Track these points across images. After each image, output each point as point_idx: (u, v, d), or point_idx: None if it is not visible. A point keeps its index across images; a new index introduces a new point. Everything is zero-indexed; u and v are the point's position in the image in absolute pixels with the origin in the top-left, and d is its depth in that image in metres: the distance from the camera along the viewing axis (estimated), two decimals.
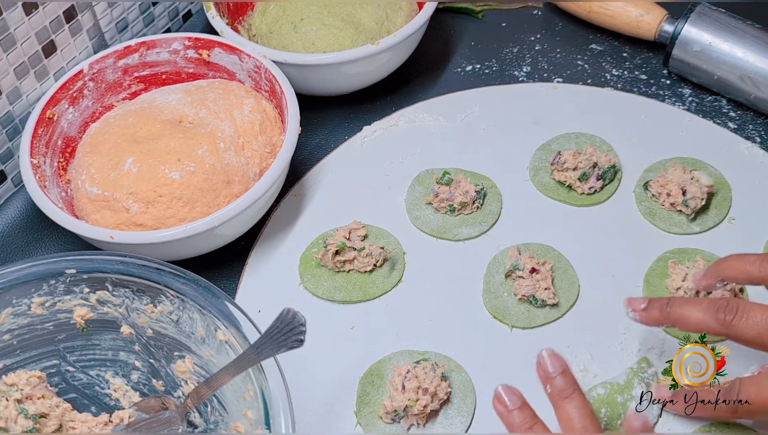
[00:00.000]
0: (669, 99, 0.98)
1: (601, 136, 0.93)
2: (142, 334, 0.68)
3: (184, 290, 0.64)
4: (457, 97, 0.99)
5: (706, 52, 0.95)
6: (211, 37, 0.90)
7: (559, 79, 1.01)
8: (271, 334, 0.60)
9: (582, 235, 0.85)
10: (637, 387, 0.72)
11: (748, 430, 0.70)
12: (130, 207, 0.77)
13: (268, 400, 0.58)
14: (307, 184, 0.90)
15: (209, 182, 0.78)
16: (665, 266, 0.81)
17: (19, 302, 0.66)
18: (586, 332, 0.77)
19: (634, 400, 0.71)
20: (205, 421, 0.68)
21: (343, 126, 0.97)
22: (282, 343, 0.59)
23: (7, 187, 0.89)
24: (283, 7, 0.97)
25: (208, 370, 0.66)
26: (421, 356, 0.75)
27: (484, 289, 0.80)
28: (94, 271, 0.66)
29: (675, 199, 0.85)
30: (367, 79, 0.96)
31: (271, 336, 0.59)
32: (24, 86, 0.86)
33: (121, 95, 0.90)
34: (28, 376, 0.67)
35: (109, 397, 0.71)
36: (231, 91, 0.86)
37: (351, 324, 0.79)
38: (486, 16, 1.11)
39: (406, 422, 0.71)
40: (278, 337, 0.59)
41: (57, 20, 0.86)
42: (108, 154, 0.80)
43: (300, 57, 0.89)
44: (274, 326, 0.60)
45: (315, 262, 0.82)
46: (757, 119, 0.95)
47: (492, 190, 0.88)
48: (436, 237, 0.85)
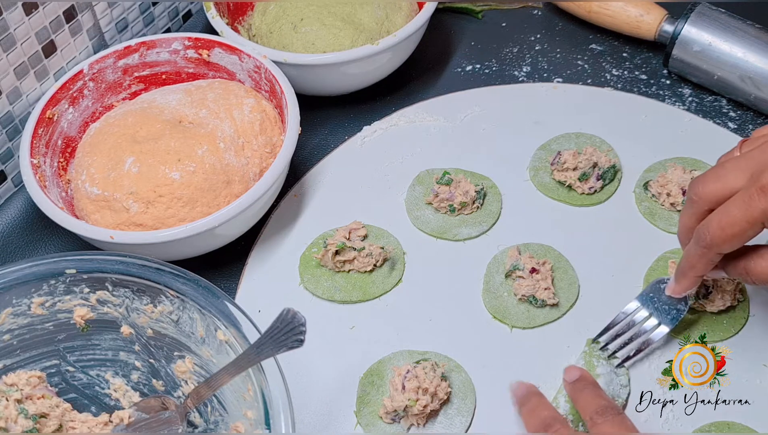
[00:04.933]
0: (669, 99, 0.98)
1: (601, 136, 0.93)
2: (142, 334, 0.68)
3: (184, 290, 0.64)
4: (457, 97, 0.99)
5: (706, 52, 0.95)
6: (211, 37, 0.90)
7: (559, 79, 1.01)
8: (271, 334, 0.60)
9: (582, 235, 0.85)
10: (599, 366, 0.72)
11: (748, 430, 0.70)
12: (130, 207, 0.77)
13: (268, 400, 0.58)
14: (307, 184, 0.90)
15: (209, 182, 0.78)
16: (665, 266, 0.80)
17: (19, 302, 0.66)
18: (586, 332, 0.77)
19: (601, 377, 0.71)
20: (205, 421, 0.68)
21: (343, 126, 0.97)
22: (282, 343, 0.59)
23: (7, 187, 0.89)
24: (283, 7, 0.97)
25: (208, 370, 0.66)
26: (421, 356, 0.75)
27: (484, 289, 0.80)
28: (94, 271, 0.66)
29: (675, 199, 0.85)
30: (367, 79, 0.96)
31: (271, 336, 0.59)
32: (24, 86, 0.86)
33: (121, 95, 0.90)
34: (28, 376, 0.67)
35: (109, 397, 0.71)
36: (231, 91, 0.86)
37: (351, 324, 0.79)
38: (486, 16, 1.11)
39: (406, 422, 0.71)
40: (278, 337, 0.59)
41: (57, 20, 0.86)
42: (108, 154, 0.80)
43: (300, 57, 0.89)
44: (274, 326, 0.60)
45: (315, 262, 0.82)
46: (757, 119, 0.95)
47: (492, 190, 0.88)
48: (436, 237, 0.85)
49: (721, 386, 0.70)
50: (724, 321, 0.77)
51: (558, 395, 0.71)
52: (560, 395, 0.71)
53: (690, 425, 0.70)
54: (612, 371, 0.72)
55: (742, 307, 0.78)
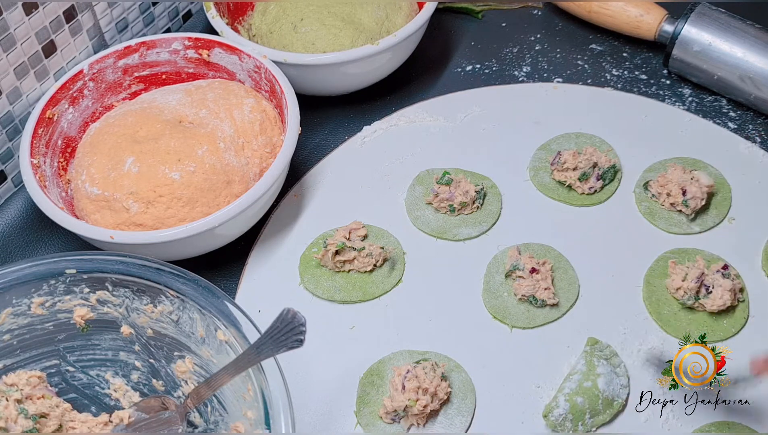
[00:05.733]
0: (669, 99, 0.98)
1: (601, 136, 0.93)
2: (142, 334, 0.68)
3: (184, 290, 0.64)
4: (457, 97, 0.99)
5: (706, 52, 0.95)
6: (211, 37, 0.90)
7: (559, 79, 1.01)
8: (271, 334, 0.60)
9: (582, 235, 0.85)
10: (599, 366, 0.72)
11: (749, 430, 0.70)
12: (130, 207, 0.77)
13: (268, 400, 0.58)
14: (307, 184, 0.90)
15: (209, 182, 0.78)
16: (665, 266, 0.80)
17: (19, 302, 0.66)
18: (586, 332, 0.77)
19: (601, 377, 0.71)
20: (205, 421, 0.68)
21: (343, 126, 0.97)
22: (282, 343, 0.59)
23: (7, 187, 0.89)
24: (283, 7, 0.97)
25: (208, 370, 0.66)
26: (421, 356, 0.75)
27: (484, 289, 0.80)
28: (94, 271, 0.66)
29: (675, 199, 0.85)
30: (367, 79, 0.96)
31: (271, 336, 0.59)
32: (24, 86, 0.86)
33: (121, 95, 0.90)
34: (28, 376, 0.67)
35: (109, 397, 0.71)
36: (231, 91, 0.86)
37: (351, 324, 0.79)
38: (486, 16, 1.11)
39: (406, 422, 0.71)
40: (278, 337, 0.59)
41: (57, 20, 0.86)
42: (108, 154, 0.80)
43: (300, 57, 0.89)
44: (274, 326, 0.60)
45: (315, 262, 0.82)
46: (757, 119, 0.95)
47: (492, 190, 0.88)
48: (436, 237, 0.85)
49: (721, 386, 0.70)
50: (724, 321, 0.77)
51: (558, 395, 0.71)
52: (560, 395, 0.71)
53: (690, 425, 0.71)
54: (612, 371, 0.73)
55: (742, 307, 0.78)
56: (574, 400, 0.70)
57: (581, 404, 0.70)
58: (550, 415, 0.70)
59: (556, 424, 0.70)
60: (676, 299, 0.78)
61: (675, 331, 0.77)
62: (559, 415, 0.70)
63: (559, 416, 0.70)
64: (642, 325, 0.78)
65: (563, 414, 0.70)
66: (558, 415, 0.70)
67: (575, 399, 0.70)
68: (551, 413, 0.70)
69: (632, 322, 0.78)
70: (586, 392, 0.70)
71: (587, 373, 0.72)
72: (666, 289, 0.79)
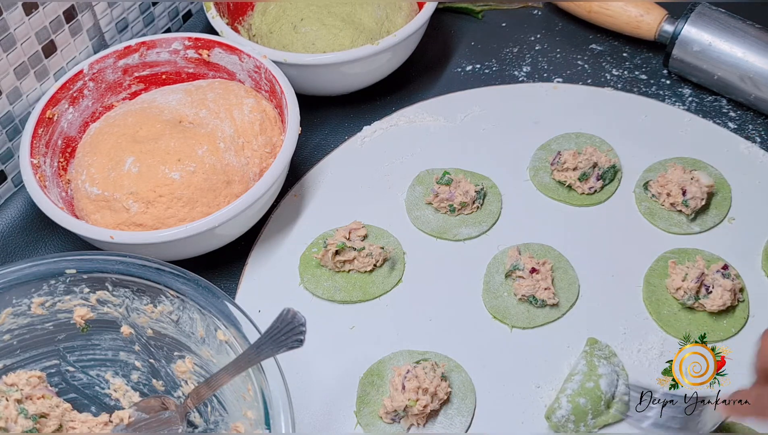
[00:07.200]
0: (669, 99, 0.98)
1: (601, 136, 0.93)
2: (142, 334, 0.68)
3: (184, 290, 0.64)
4: (457, 97, 0.99)
5: (706, 52, 0.95)
6: (211, 37, 0.90)
7: (559, 79, 1.01)
8: (271, 334, 0.60)
9: (582, 235, 0.85)
10: (600, 366, 0.72)
11: (749, 430, 0.70)
12: (130, 207, 0.77)
13: (268, 400, 0.58)
14: (307, 184, 0.90)
15: (209, 182, 0.78)
16: (665, 266, 0.80)
17: (19, 302, 0.66)
18: (586, 332, 0.77)
19: (603, 377, 0.71)
20: (205, 421, 0.68)
21: (343, 126, 0.97)
22: (282, 343, 0.59)
23: (7, 187, 0.89)
24: (283, 7, 0.97)
25: (208, 370, 0.66)
26: (421, 356, 0.75)
27: (484, 289, 0.80)
28: (94, 271, 0.66)
29: (675, 199, 0.85)
30: (367, 79, 0.96)
31: (271, 336, 0.59)
32: (24, 86, 0.86)
33: (121, 95, 0.90)
34: (28, 376, 0.67)
35: (109, 397, 0.71)
36: (231, 91, 0.86)
37: (351, 324, 0.79)
38: (486, 16, 1.11)
39: (406, 422, 0.71)
40: (278, 337, 0.59)
41: (57, 20, 0.86)
42: (108, 154, 0.80)
43: (300, 57, 0.89)
44: (274, 326, 0.60)
45: (315, 262, 0.82)
46: (757, 119, 0.95)
47: (492, 190, 0.88)
48: (436, 237, 0.85)
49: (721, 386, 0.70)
50: (724, 321, 0.77)
51: (560, 395, 0.71)
52: (561, 395, 0.71)
53: None
54: (613, 371, 0.72)
55: (742, 307, 0.78)
56: (577, 401, 0.70)
57: (584, 405, 0.70)
58: (553, 416, 0.70)
59: (558, 425, 0.70)
60: (676, 299, 0.78)
61: (675, 331, 0.77)
62: (561, 417, 0.70)
63: (561, 417, 0.70)
64: (642, 325, 0.78)
65: (566, 415, 0.70)
66: (561, 416, 0.70)
67: (578, 400, 0.70)
68: (554, 414, 0.70)
69: (632, 322, 0.78)
70: (589, 393, 0.70)
71: (589, 374, 0.72)
72: (666, 289, 0.79)
